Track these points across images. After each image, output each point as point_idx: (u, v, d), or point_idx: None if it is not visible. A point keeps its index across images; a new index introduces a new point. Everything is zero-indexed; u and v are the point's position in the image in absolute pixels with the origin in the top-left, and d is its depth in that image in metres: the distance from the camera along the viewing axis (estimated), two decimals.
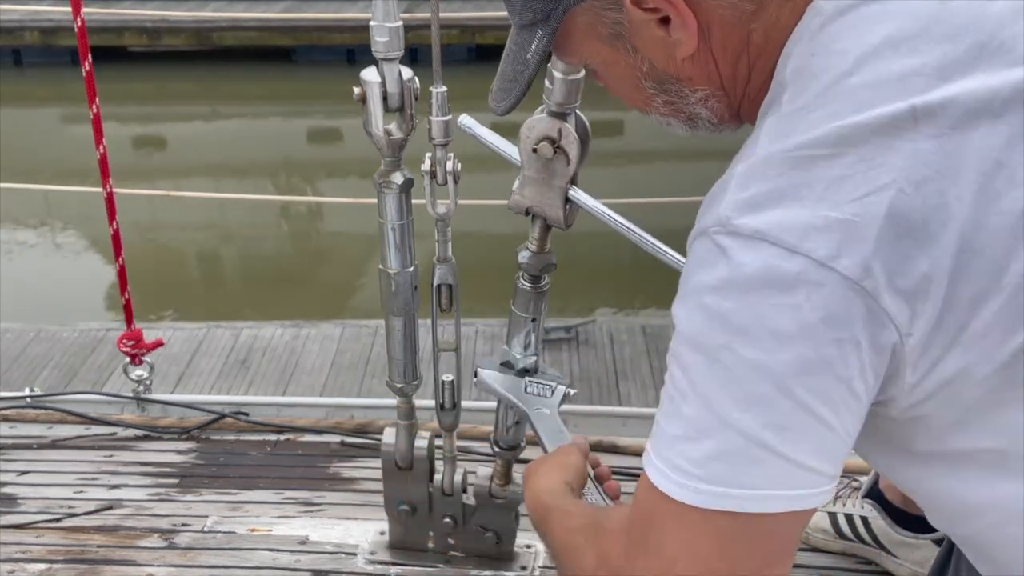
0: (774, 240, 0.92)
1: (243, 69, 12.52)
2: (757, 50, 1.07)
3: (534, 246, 1.71)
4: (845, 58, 0.97)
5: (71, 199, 8.11)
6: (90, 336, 5.05)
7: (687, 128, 1.19)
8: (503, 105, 1.22)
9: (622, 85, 1.18)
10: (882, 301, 0.91)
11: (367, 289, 6.59)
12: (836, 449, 0.98)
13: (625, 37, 1.10)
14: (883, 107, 0.93)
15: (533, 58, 1.14)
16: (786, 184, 0.94)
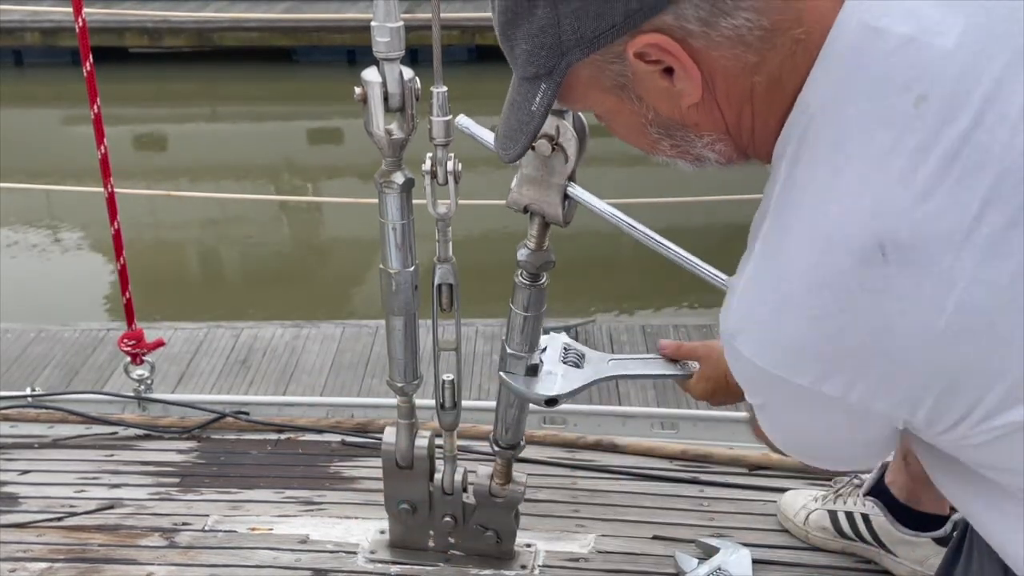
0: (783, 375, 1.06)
1: (244, 70, 12.53)
2: (761, 100, 1.08)
3: (532, 243, 1.71)
4: (822, 184, 1.02)
5: (72, 199, 8.12)
6: (91, 336, 5.06)
7: (694, 167, 1.20)
8: (510, 154, 1.23)
9: (627, 131, 1.19)
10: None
11: (367, 289, 6.60)
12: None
13: (629, 88, 1.10)
14: (853, 242, 0.98)
15: (538, 110, 1.15)
16: (772, 317, 1.06)
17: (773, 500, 2.28)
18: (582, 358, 1.83)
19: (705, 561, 2.09)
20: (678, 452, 2.50)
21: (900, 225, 0.96)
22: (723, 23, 1.01)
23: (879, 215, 0.97)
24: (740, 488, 2.37)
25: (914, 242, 0.95)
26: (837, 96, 1.01)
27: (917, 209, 0.95)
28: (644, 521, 2.26)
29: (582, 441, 2.55)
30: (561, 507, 2.32)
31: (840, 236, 0.99)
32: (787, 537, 2.20)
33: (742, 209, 6.68)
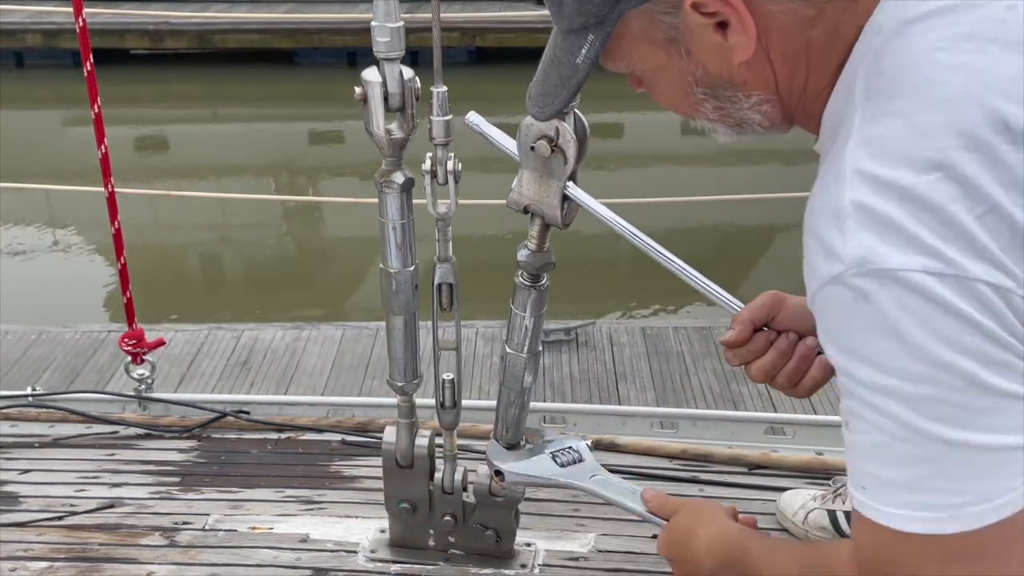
0: (921, 269, 0.93)
1: (245, 71, 12.56)
2: (817, 57, 1.06)
3: (533, 244, 1.72)
4: (913, 69, 0.97)
5: (73, 202, 8.14)
6: (91, 338, 5.07)
7: (734, 133, 1.18)
8: (547, 110, 1.21)
9: (671, 90, 1.16)
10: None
11: (368, 291, 6.61)
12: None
13: (679, 41, 1.08)
14: (965, 119, 0.93)
15: (584, 63, 1.12)
16: (904, 217, 0.94)
17: (773, 499, 2.28)
18: (576, 461, 1.83)
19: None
20: (678, 451, 2.50)
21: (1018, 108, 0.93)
22: None
23: (995, 94, 0.94)
24: (740, 487, 2.37)
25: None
26: (919, 18, 0.99)
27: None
28: (644, 520, 2.26)
29: None
30: (561, 506, 2.33)
31: (959, 115, 0.94)
32: (787, 536, 2.20)
33: (742, 209, 6.74)
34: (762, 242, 7.61)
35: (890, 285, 0.94)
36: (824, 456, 2.43)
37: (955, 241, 0.92)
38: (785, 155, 8.46)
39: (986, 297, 0.92)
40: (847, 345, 1.00)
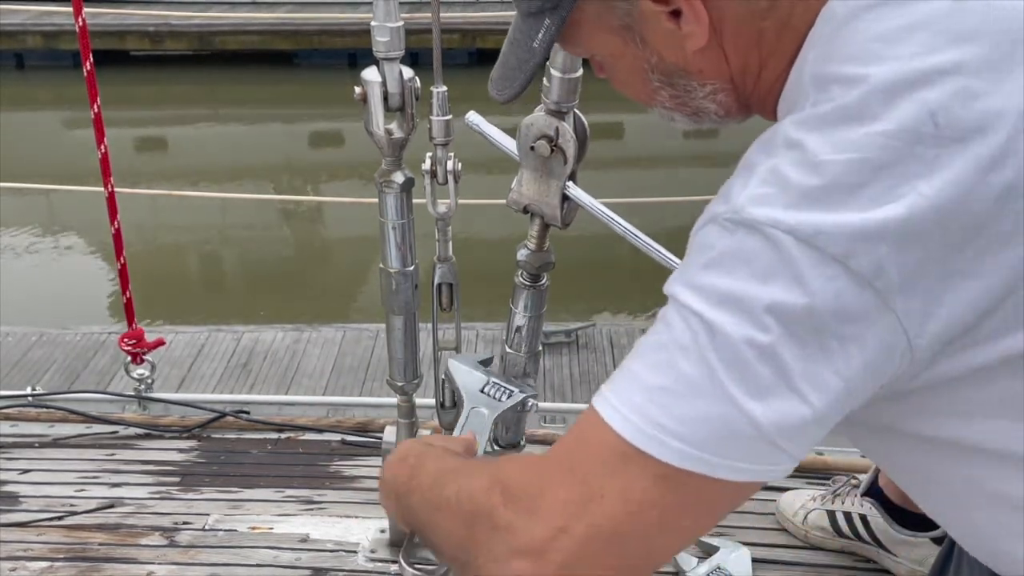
0: (788, 231, 0.91)
1: (245, 73, 12.55)
2: (769, 47, 1.05)
3: (533, 244, 1.72)
4: (861, 60, 0.95)
5: (74, 204, 8.14)
6: (92, 339, 5.05)
7: (691, 122, 1.17)
8: (506, 93, 1.20)
9: (628, 78, 1.16)
10: (892, 302, 0.90)
11: (368, 293, 6.60)
12: (813, 435, 0.96)
13: (634, 29, 1.08)
14: (901, 111, 0.90)
15: (540, 46, 1.13)
16: (806, 186, 0.92)
17: (773, 499, 2.28)
18: (497, 400, 1.66)
19: (705, 560, 2.10)
20: None
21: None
22: None
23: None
24: None
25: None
26: (865, 8, 0.97)
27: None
28: None
29: None
30: None
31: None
32: (787, 536, 2.20)
33: None
34: None
35: (755, 233, 0.92)
36: (824, 456, 2.43)
37: (842, 217, 0.89)
38: None
39: (843, 288, 0.89)
40: (691, 272, 0.97)
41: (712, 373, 0.93)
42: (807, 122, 0.95)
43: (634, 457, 0.95)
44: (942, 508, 1.15)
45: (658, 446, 0.94)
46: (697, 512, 0.99)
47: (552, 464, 1.03)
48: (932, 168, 0.88)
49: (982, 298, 0.91)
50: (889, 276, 0.89)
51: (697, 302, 0.94)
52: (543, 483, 1.01)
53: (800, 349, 0.91)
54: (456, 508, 1.08)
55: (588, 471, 0.98)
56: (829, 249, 0.89)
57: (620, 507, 0.97)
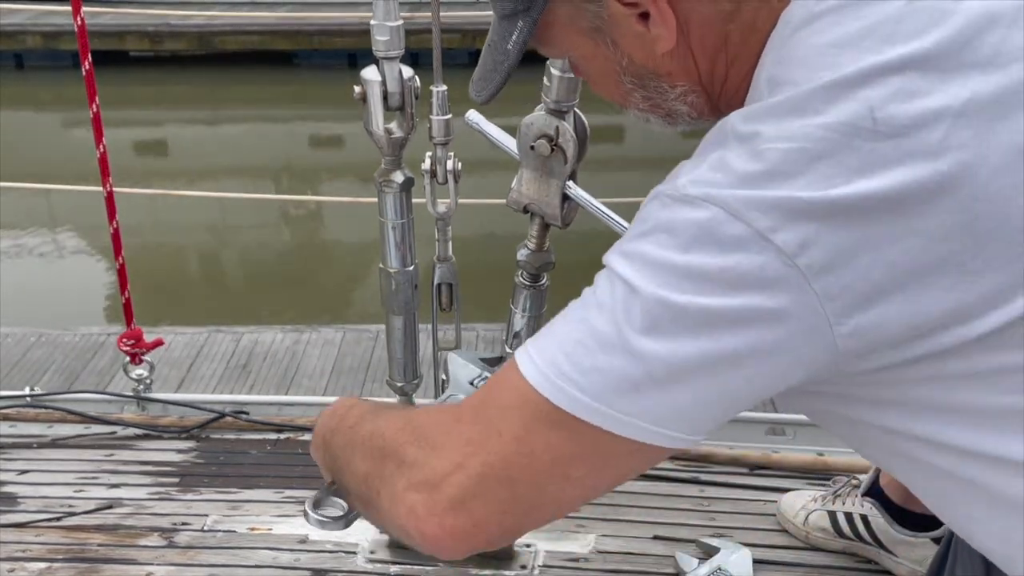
0: (720, 204, 0.92)
1: (245, 73, 12.55)
2: (735, 50, 1.07)
3: (533, 244, 1.72)
4: (812, 66, 0.96)
5: (73, 204, 8.13)
6: (91, 340, 5.06)
7: (666, 124, 1.19)
8: (483, 94, 1.22)
9: (602, 79, 1.18)
10: (814, 282, 0.90)
11: (368, 294, 6.60)
12: (718, 413, 0.99)
13: (605, 31, 1.09)
14: (842, 107, 0.92)
15: (514, 48, 1.14)
16: (746, 171, 0.94)
17: (773, 500, 2.27)
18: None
19: (705, 561, 2.09)
20: (678, 452, 2.49)
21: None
22: None
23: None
24: (740, 488, 2.37)
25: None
26: (818, 15, 0.99)
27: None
28: (644, 521, 2.26)
29: None
30: None
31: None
32: (787, 537, 2.19)
33: None
34: None
35: (688, 206, 0.94)
36: (825, 456, 2.42)
37: (773, 194, 0.91)
38: None
39: (766, 262, 0.90)
40: (625, 241, 1.00)
41: (620, 330, 0.95)
42: (754, 114, 0.97)
43: (537, 403, 0.98)
44: (939, 504, 1.14)
45: (559, 393, 0.97)
46: (591, 464, 1.01)
47: (464, 407, 1.07)
48: (866, 161, 0.90)
49: (924, 299, 0.91)
50: (813, 256, 0.90)
51: (623, 266, 0.97)
52: (451, 424, 1.05)
53: (713, 315, 0.92)
54: (368, 445, 1.13)
55: (494, 413, 1.02)
56: (756, 223, 0.90)
57: (514, 447, 1.00)
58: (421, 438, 1.06)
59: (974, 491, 1.02)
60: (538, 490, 1.02)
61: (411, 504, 1.03)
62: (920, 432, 1.00)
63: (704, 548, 2.14)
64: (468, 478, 1.01)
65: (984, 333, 0.92)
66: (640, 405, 0.95)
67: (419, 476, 1.03)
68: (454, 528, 1.02)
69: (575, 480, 1.02)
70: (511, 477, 1.01)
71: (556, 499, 1.04)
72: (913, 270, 0.91)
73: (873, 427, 1.04)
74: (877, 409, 1.02)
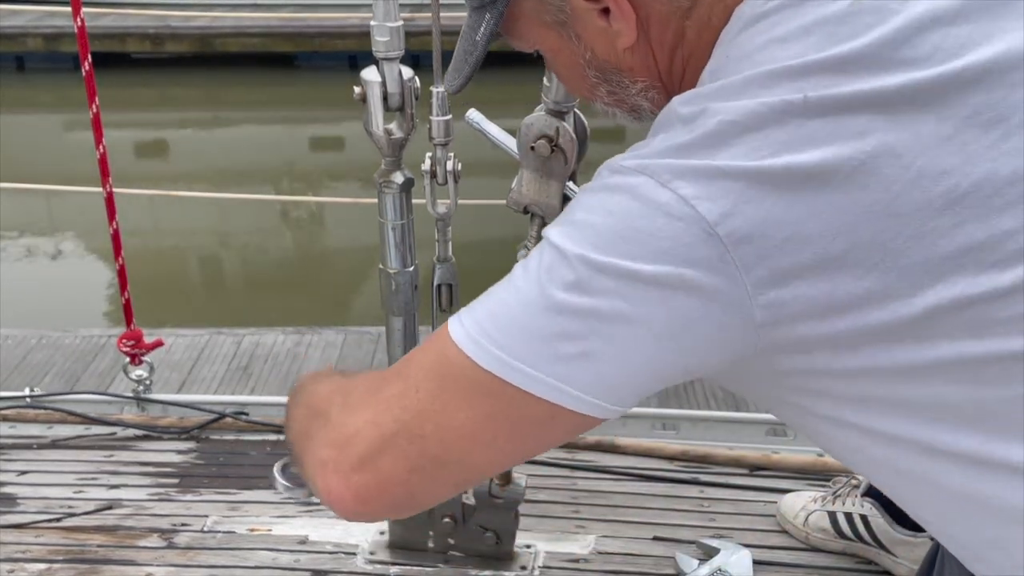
0: (649, 173, 0.94)
1: (246, 75, 12.55)
2: (691, 47, 1.08)
3: (532, 245, 1.71)
4: (755, 60, 0.98)
5: (73, 206, 8.13)
6: (92, 342, 5.05)
7: (631, 119, 1.21)
8: (454, 84, 1.25)
9: (568, 72, 1.20)
10: (733, 251, 0.91)
11: (369, 295, 6.58)
12: (641, 382, 0.99)
13: (568, 25, 1.11)
14: (777, 90, 0.94)
15: (481, 40, 1.17)
16: (677, 142, 0.96)
17: (773, 501, 2.27)
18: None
19: (705, 562, 2.09)
20: (678, 452, 2.50)
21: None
22: None
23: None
24: (740, 489, 2.37)
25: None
26: (763, 16, 1.00)
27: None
28: (644, 522, 2.26)
29: (582, 441, 2.55)
30: (561, 508, 2.32)
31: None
32: (787, 538, 2.19)
33: None
34: None
35: (620, 176, 0.97)
36: (825, 457, 2.42)
37: (699, 163, 0.93)
38: None
39: (686, 229, 0.91)
40: (563, 215, 1.04)
41: (543, 289, 0.97)
42: (694, 97, 1.00)
43: (457, 361, 0.99)
44: (912, 507, 1.14)
45: (478, 350, 0.98)
46: (506, 427, 1.01)
47: (392, 369, 1.09)
48: (794, 136, 0.92)
49: (843, 275, 0.91)
50: (734, 224, 0.91)
51: (554, 233, 0.99)
52: (376, 383, 1.07)
53: (633, 277, 0.93)
54: (305, 404, 1.17)
55: (414, 371, 1.03)
56: (680, 190, 0.92)
57: (428, 403, 1.00)
58: (347, 397, 1.08)
59: (928, 486, 1.02)
60: (446, 449, 1.01)
61: (323, 459, 1.04)
62: (855, 421, 1.00)
63: (704, 549, 2.14)
64: (379, 434, 1.01)
65: (907, 318, 0.91)
66: (560, 367, 0.96)
67: (334, 433, 1.05)
68: (359, 486, 1.02)
69: (486, 443, 1.02)
70: (422, 434, 1.00)
71: (464, 462, 1.04)
72: (832, 246, 0.91)
73: (821, 419, 1.04)
74: (818, 400, 1.01)
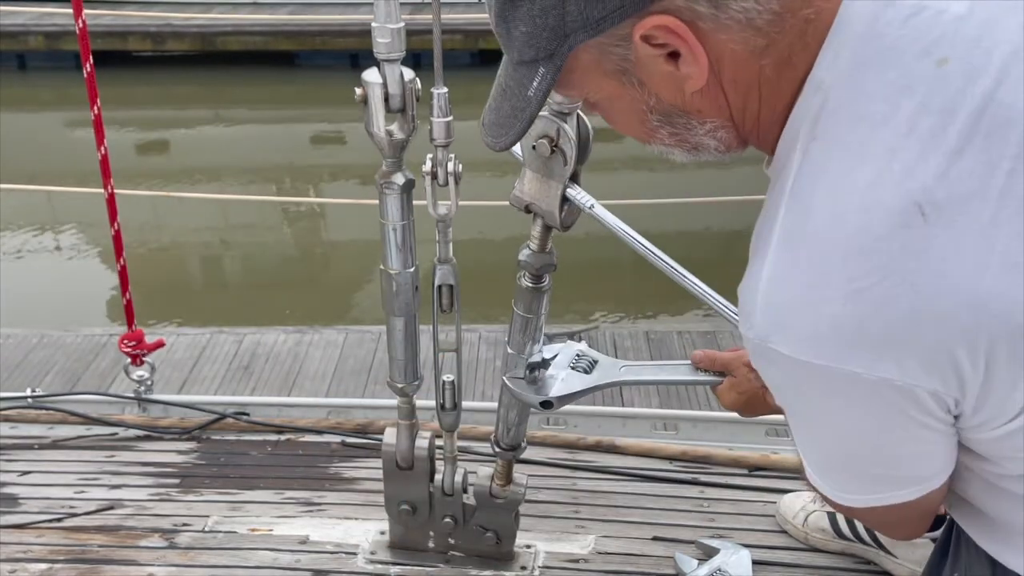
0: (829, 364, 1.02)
1: (247, 74, 12.54)
2: (768, 87, 1.06)
3: (535, 245, 1.71)
4: (847, 153, 0.99)
5: (75, 205, 8.13)
6: (93, 341, 5.05)
7: (690, 156, 1.17)
8: (502, 142, 1.19)
9: (625, 118, 1.15)
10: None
11: (370, 295, 6.60)
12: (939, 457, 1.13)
13: (631, 72, 1.07)
14: (889, 206, 0.96)
15: (536, 96, 1.11)
16: (807, 301, 1.01)
17: (773, 501, 2.28)
18: (593, 364, 1.80)
19: (705, 562, 2.09)
20: (678, 453, 2.50)
21: (936, 184, 0.94)
22: (732, 5, 0.98)
23: (913, 176, 0.95)
24: (740, 489, 2.37)
25: (951, 200, 0.94)
26: (854, 69, 1.00)
27: (952, 167, 0.94)
28: (644, 522, 2.26)
29: (582, 442, 2.55)
30: (561, 508, 2.33)
31: (874, 202, 0.96)
32: (787, 538, 2.20)
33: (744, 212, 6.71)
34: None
35: (780, 362, 1.06)
36: None
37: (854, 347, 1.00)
38: None
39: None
40: (770, 385, 1.14)
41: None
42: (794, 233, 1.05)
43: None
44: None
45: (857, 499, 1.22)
46: (907, 514, 1.23)
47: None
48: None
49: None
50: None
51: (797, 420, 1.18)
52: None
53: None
54: None
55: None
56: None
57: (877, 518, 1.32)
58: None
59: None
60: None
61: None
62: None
63: (704, 549, 2.14)
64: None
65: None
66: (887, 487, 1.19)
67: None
68: None
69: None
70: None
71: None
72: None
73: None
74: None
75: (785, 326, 1.03)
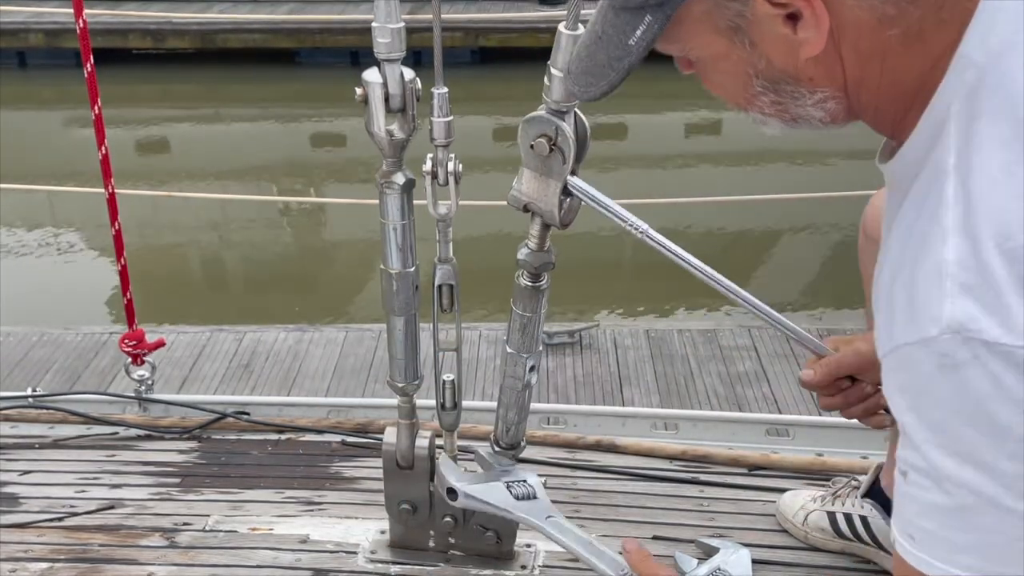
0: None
1: (247, 71, 12.56)
2: (894, 59, 1.01)
3: (533, 244, 1.72)
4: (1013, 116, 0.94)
5: (75, 203, 8.14)
6: (93, 340, 5.06)
7: (786, 127, 1.12)
8: (592, 91, 1.13)
9: (727, 80, 1.10)
10: None
11: (370, 293, 6.60)
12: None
13: (744, 31, 1.03)
14: None
15: (638, 46, 1.05)
16: (1010, 285, 0.91)
17: (772, 500, 2.28)
18: (530, 497, 1.90)
19: (705, 561, 2.09)
20: (678, 452, 2.50)
21: None
22: None
23: None
24: (740, 488, 2.37)
25: None
26: (1011, 45, 0.95)
27: None
28: (644, 521, 2.26)
29: (582, 441, 2.55)
30: (561, 507, 2.31)
31: None
32: (787, 537, 2.20)
33: (746, 211, 6.71)
34: (767, 243, 7.59)
35: (985, 358, 0.91)
36: (824, 457, 2.43)
37: None
38: (790, 155, 8.46)
39: None
40: (922, 410, 0.99)
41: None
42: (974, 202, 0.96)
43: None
44: None
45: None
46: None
47: None
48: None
49: None
50: None
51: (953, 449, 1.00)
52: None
53: None
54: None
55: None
56: None
57: None
58: None
59: None
60: None
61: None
62: None
63: (703, 548, 2.14)
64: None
65: None
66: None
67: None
68: None
69: None
70: None
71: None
72: None
73: None
74: None
75: (998, 306, 0.91)
